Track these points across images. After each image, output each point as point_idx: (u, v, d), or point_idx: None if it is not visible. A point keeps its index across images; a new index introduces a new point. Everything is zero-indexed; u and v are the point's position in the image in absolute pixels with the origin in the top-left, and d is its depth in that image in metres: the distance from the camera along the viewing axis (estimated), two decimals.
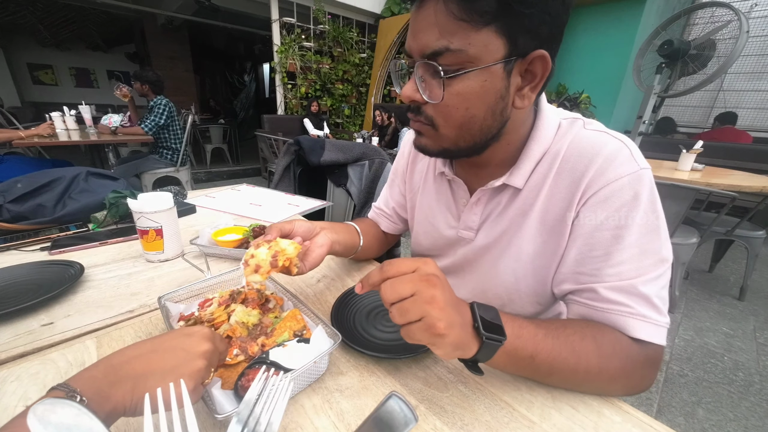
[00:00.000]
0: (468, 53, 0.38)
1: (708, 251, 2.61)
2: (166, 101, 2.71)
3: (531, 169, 0.49)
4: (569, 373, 0.39)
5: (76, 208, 0.86)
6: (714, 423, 1.29)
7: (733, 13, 2.07)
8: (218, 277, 0.58)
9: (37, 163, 2.60)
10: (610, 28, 3.62)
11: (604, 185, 0.43)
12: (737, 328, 1.88)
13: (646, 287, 0.41)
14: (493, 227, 0.54)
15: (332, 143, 1.29)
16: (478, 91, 0.40)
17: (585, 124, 0.49)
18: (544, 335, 0.38)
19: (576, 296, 0.46)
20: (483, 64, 0.39)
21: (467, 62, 0.39)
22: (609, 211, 0.43)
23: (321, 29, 4.94)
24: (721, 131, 3.49)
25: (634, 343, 0.41)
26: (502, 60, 0.39)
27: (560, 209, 0.47)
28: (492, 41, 0.38)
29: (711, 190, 1.62)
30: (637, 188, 0.42)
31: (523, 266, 0.52)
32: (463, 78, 0.40)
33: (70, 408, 0.30)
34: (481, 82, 0.40)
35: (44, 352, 0.45)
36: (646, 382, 0.42)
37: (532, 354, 0.37)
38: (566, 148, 0.47)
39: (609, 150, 0.44)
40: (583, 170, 0.45)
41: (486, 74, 0.39)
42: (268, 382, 0.34)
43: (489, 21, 0.36)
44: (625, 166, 0.43)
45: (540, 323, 0.40)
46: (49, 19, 5.65)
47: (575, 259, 0.46)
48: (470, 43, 0.38)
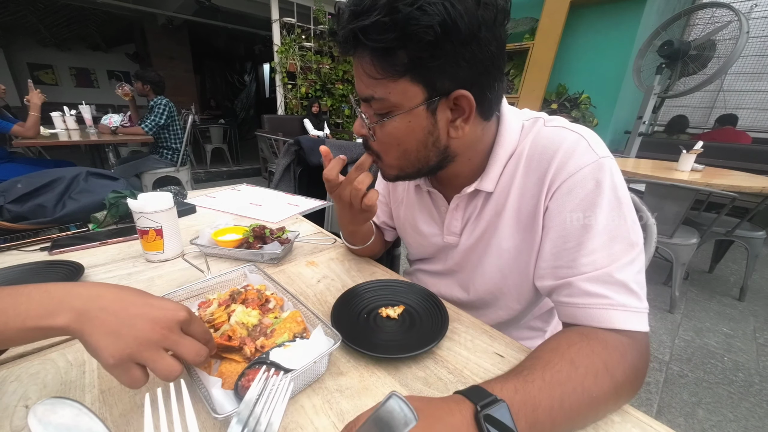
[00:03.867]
0: (390, 101, 0.43)
1: (708, 252, 2.61)
2: (166, 101, 2.71)
3: (499, 172, 0.52)
4: (590, 420, 0.37)
5: (76, 208, 0.86)
6: (714, 423, 1.29)
7: (733, 14, 2.07)
8: (218, 277, 0.58)
9: (37, 164, 2.60)
10: (610, 29, 3.62)
11: (566, 177, 0.45)
12: (737, 328, 1.88)
13: (621, 273, 0.42)
14: (474, 229, 0.58)
15: (332, 143, 1.29)
16: (404, 130, 0.46)
17: (546, 121, 0.51)
18: (560, 403, 0.34)
19: (558, 296, 0.47)
20: (405, 109, 0.44)
21: (392, 107, 0.44)
22: (575, 201, 0.45)
23: (321, 29, 4.94)
24: (720, 132, 3.49)
25: (630, 342, 0.40)
26: (422, 103, 0.43)
27: (531, 206, 0.50)
28: (409, 89, 0.42)
29: (711, 190, 1.62)
30: (598, 176, 0.44)
31: (507, 263, 0.55)
32: (391, 121, 0.45)
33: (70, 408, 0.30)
34: (407, 123, 0.45)
35: (44, 352, 0.45)
36: (645, 376, 0.42)
37: (551, 431, 0.34)
38: (529, 147, 0.50)
39: (568, 143, 0.46)
40: (546, 166, 0.47)
41: (410, 116, 0.44)
42: (268, 382, 0.34)
43: (403, 73, 0.41)
44: (584, 157, 0.45)
45: (553, 379, 0.35)
46: (50, 19, 5.66)
47: (551, 252, 0.48)
48: (390, 92, 0.43)
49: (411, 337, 0.49)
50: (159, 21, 6.47)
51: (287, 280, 0.67)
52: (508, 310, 0.61)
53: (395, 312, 0.54)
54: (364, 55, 0.42)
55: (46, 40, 6.09)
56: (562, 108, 3.88)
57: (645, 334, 0.42)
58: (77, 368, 0.42)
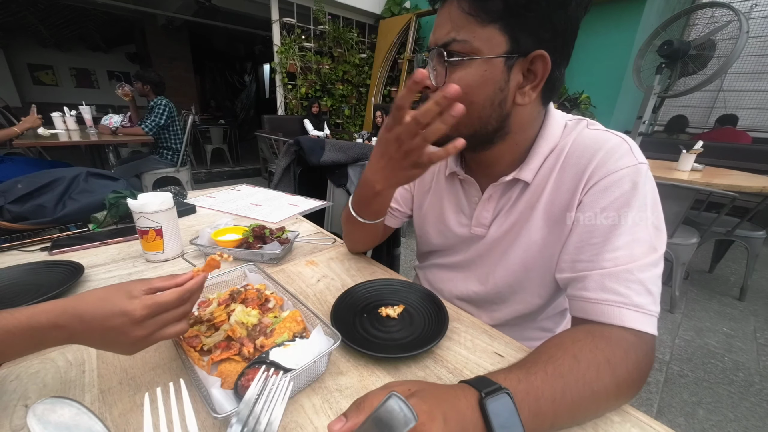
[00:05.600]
0: (472, 44, 0.43)
1: (708, 251, 2.61)
2: (167, 101, 2.71)
3: (539, 164, 0.53)
4: (591, 414, 0.38)
5: (76, 209, 0.86)
6: (714, 423, 1.29)
7: (732, 14, 2.07)
8: (218, 277, 0.58)
9: (37, 164, 2.60)
10: (610, 29, 3.62)
11: (604, 176, 0.46)
12: (737, 328, 1.88)
13: (642, 273, 0.42)
14: (504, 220, 0.58)
15: (332, 143, 1.29)
16: (478, 79, 0.44)
17: (588, 124, 0.53)
18: (561, 394, 0.34)
19: (573, 289, 0.47)
20: (485, 56, 0.43)
21: (471, 52, 0.44)
22: (609, 199, 0.45)
23: (321, 30, 4.94)
24: (720, 131, 3.49)
25: (635, 341, 0.40)
26: (503, 55, 0.43)
27: (564, 200, 0.50)
28: (495, 37, 0.43)
29: (711, 190, 1.62)
30: (635, 179, 0.45)
31: (533, 255, 0.55)
32: (465, 65, 0.44)
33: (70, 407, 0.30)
34: (482, 72, 0.44)
35: (44, 351, 0.45)
36: (646, 376, 0.42)
37: (552, 422, 0.35)
38: (570, 144, 0.51)
39: (610, 145, 0.47)
40: (586, 164, 0.48)
41: (487, 65, 0.44)
42: (268, 381, 0.34)
43: (494, 19, 0.42)
44: (624, 159, 0.46)
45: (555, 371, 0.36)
46: (50, 20, 5.66)
47: (575, 246, 0.48)
48: (474, 36, 0.43)
49: (411, 337, 0.49)
50: (159, 21, 6.48)
51: (287, 279, 0.67)
52: (526, 304, 0.61)
53: (395, 311, 0.54)
54: None
55: (46, 41, 6.09)
56: (562, 108, 3.88)
57: (652, 337, 0.42)
58: (77, 368, 0.42)
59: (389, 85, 5.48)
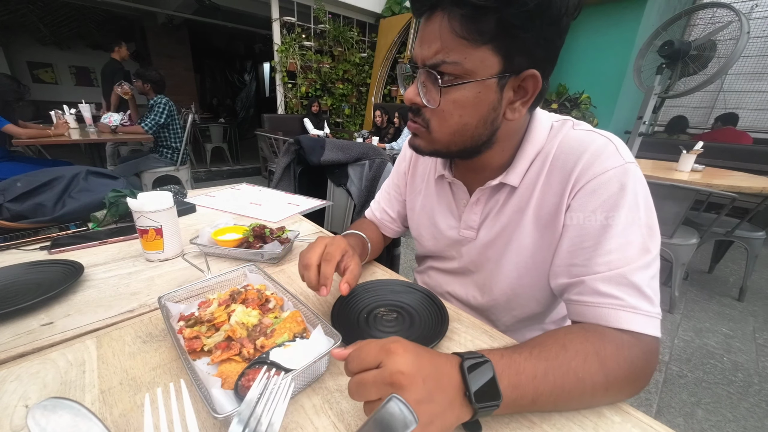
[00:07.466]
0: (464, 66, 0.42)
1: (708, 252, 2.62)
2: (166, 100, 2.71)
3: (526, 168, 0.52)
4: (575, 402, 0.38)
5: (75, 208, 0.86)
6: (713, 423, 1.29)
7: (733, 14, 2.06)
8: (218, 277, 0.58)
9: (36, 162, 2.60)
10: (610, 29, 3.62)
11: (591, 178, 0.46)
12: (737, 329, 1.88)
13: (635, 276, 0.42)
14: (493, 224, 0.58)
15: (332, 143, 1.29)
16: (472, 101, 0.44)
17: (574, 125, 0.52)
18: (543, 373, 0.36)
19: (570, 294, 0.47)
20: (478, 78, 0.42)
21: (464, 74, 0.42)
22: (597, 202, 0.45)
23: (321, 28, 4.94)
24: (721, 132, 3.49)
25: (632, 341, 0.40)
26: (496, 75, 0.42)
27: (553, 204, 0.50)
28: (488, 58, 0.41)
29: (711, 190, 1.62)
30: (623, 180, 0.44)
31: (525, 261, 0.55)
32: (459, 88, 0.44)
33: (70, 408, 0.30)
34: (476, 93, 0.44)
35: (44, 351, 0.45)
36: (647, 378, 0.42)
37: (533, 399, 0.35)
38: (556, 147, 0.51)
39: (596, 146, 0.47)
40: (572, 166, 0.47)
41: (480, 86, 0.43)
42: (269, 382, 0.34)
43: (487, 41, 0.40)
44: (611, 160, 0.45)
45: (540, 354, 0.37)
46: (50, 18, 5.65)
47: (568, 250, 0.48)
48: (466, 58, 0.41)
49: (411, 337, 0.49)
50: (159, 20, 6.46)
51: (287, 279, 0.67)
52: (525, 310, 0.61)
53: (395, 312, 0.54)
54: (452, 13, 0.40)
55: (45, 39, 6.07)
56: (563, 108, 3.88)
57: (654, 338, 0.42)
58: (77, 368, 0.42)
59: (389, 84, 5.48)
